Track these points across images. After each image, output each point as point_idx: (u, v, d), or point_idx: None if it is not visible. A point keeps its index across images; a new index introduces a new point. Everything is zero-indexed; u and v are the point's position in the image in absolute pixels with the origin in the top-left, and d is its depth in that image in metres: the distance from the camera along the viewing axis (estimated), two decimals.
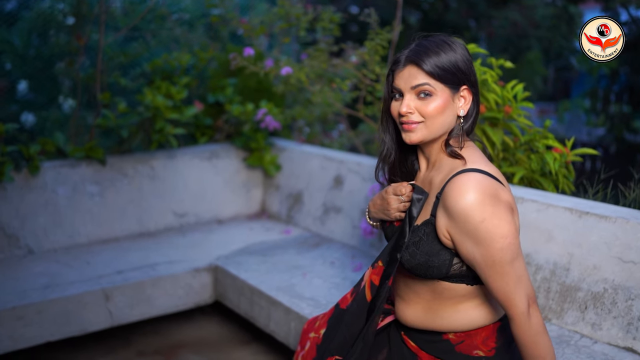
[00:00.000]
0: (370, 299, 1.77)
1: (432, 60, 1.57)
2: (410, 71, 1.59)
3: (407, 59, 1.60)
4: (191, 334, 3.39)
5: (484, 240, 1.49)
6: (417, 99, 1.60)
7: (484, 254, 1.51)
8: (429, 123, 1.61)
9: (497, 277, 1.52)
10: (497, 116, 2.85)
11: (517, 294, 1.52)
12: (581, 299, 2.29)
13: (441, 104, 1.59)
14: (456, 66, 1.60)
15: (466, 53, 1.63)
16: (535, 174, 2.81)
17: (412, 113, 1.60)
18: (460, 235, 1.53)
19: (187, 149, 3.79)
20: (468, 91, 1.64)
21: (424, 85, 1.58)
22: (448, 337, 1.72)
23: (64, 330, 2.70)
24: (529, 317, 1.53)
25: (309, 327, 2.05)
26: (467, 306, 1.69)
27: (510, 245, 1.50)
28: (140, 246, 3.31)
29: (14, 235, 3.16)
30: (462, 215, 1.50)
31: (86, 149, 3.36)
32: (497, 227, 1.49)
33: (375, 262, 1.80)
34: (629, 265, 2.19)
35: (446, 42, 1.62)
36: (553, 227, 2.42)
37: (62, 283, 2.82)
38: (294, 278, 2.86)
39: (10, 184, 3.16)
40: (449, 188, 1.54)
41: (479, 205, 1.49)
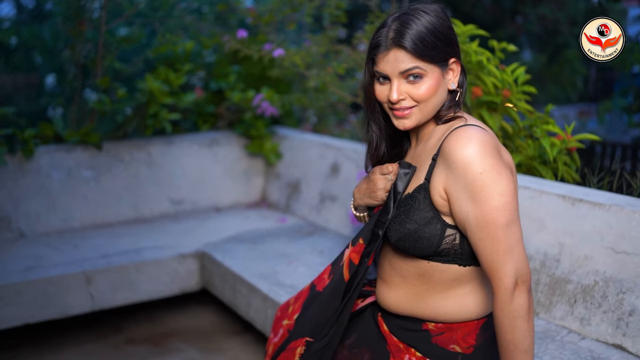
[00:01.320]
0: (348, 278, 1.66)
1: (417, 39, 1.45)
2: (395, 55, 1.47)
3: (390, 42, 1.47)
4: (183, 322, 3.34)
5: (481, 195, 1.39)
6: (406, 82, 1.49)
7: (478, 212, 1.40)
8: (422, 107, 1.51)
9: (487, 240, 1.40)
10: (495, 100, 2.70)
11: (505, 265, 1.39)
12: (571, 292, 2.13)
13: (433, 85, 1.49)
14: (441, 39, 1.48)
15: (446, 19, 1.52)
16: (535, 161, 2.66)
17: (404, 99, 1.50)
18: (457, 190, 1.42)
19: (186, 136, 3.74)
20: (456, 63, 1.53)
21: (414, 70, 1.46)
22: (428, 327, 1.61)
23: (44, 312, 2.67)
24: (512, 295, 1.39)
25: (282, 315, 1.94)
26: (456, 293, 1.57)
27: (506, 205, 1.39)
28: (132, 232, 3.27)
29: (6, 218, 3.16)
30: (461, 165, 1.40)
31: (82, 133, 3.34)
32: (496, 182, 1.39)
33: (355, 240, 1.68)
34: (622, 256, 2.02)
35: (425, 13, 1.49)
36: (545, 215, 2.27)
37: (46, 265, 2.80)
38: (279, 266, 2.77)
39: (4, 168, 3.15)
40: (450, 140, 1.44)
41: (480, 155, 1.39)
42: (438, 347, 1.59)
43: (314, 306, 1.74)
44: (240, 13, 4.21)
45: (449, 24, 1.52)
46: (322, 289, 1.79)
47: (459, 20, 2.78)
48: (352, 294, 1.63)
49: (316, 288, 1.84)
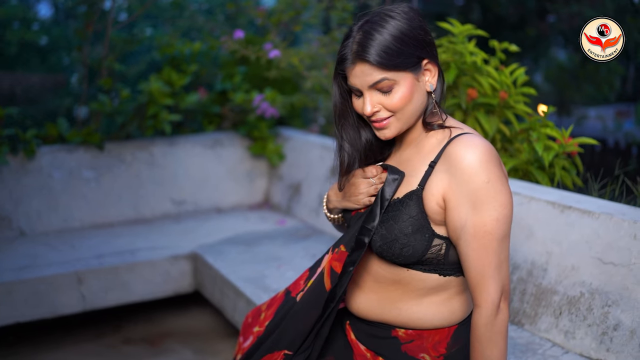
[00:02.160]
0: (330, 287, 1.57)
1: (381, 50, 1.38)
2: (361, 69, 1.40)
3: (354, 55, 1.40)
4: (180, 323, 3.34)
5: (483, 204, 1.36)
6: (378, 93, 1.43)
7: (478, 221, 1.37)
8: (399, 115, 1.45)
9: (481, 251, 1.38)
10: (491, 102, 2.62)
11: (494, 280, 1.39)
12: (556, 303, 2.05)
13: (406, 93, 1.42)
14: (410, 43, 1.40)
15: (416, 20, 1.43)
16: (532, 166, 2.56)
17: (379, 111, 1.45)
18: (458, 197, 1.39)
19: (189, 137, 3.74)
20: (431, 63, 1.45)
21: (382, 82, 1.40)
22: (397, 334, 1.55)
23: (35, 311, 2.70)
24: (497, 310, 1.39)
25: (254, 321, 1.88)
26: (430, 300, 1.53)
27: (505, 218, 1.38)
28: (130, 232, 3.28)
29: (7, 217, 3.20)
30: (467, 173, 1.37)
31: (84, 134, 3.37)
32: (499, 193, 1.37)
33: (336, 247, 1.61)
34: (609, 267, 1.93)
35: (391, 17, 1.41)
36: (534, 222, 2.19)
37: (40, 265, 2.82)
38: (268, 269, 2.73)
39: (5, 167, 3.20)
40: (455, 147, 1.40)
41: (487, 164, 1.37)
42: (407, 355, 1.54)
43: (291, 316, 1.65)
44: (249, 13, 4.19)
45: (420, 24, 1.44)
46: (297, 296, 1.73)
47: (456, 20, 2.71)
48: (335, 304, 1.56)
49: (291, 294, 1.78)
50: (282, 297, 1.81)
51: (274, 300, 1.85)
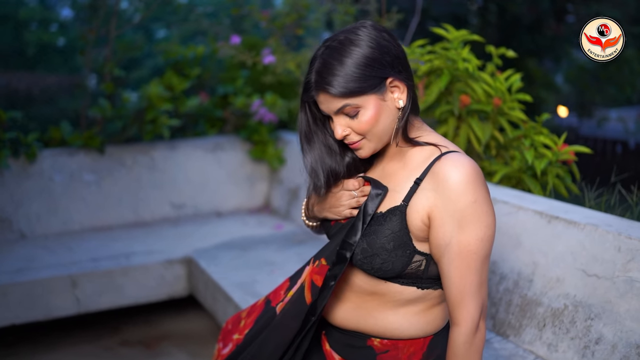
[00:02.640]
0: (311, 301, 1.57)
1: (340, 80, 1.38)
2: (324, 97, 1.41)
3: (314, 85, 1.41)
4: (178, 326, 3.36)
5: (469, 224, 1.37)
6: (346, 117, 1.43)
7: (463, 240, 1.38)
8: (369, 136, 1.45)
9: (464, 270, 1.39)
10: (485, 109, 2.59)
11: (475, 299, 1.39)
12: (540, 315, 2.02)
13: (372, 114, 1.42)
14: (372, 66, 1.39)
15: (376, 36, 1.41)
16: (525, 174, 2.53)
17: (349, 134, 1.45)
18: (444, 215, 1.39)
19: (190, 140, 3.76)
20: (396, 79, 1.43)
21: (345, 108, 1.41)
22: (372, 344, 1.54)
23: (29, 313, 2.73)
24: (477, 329, 1.40)
25: (234, 328, 1.88)
26: (407, 310, 1.52)
27: (489, 239, 1.40)
28: (128, 235, 3.31)
29: (7, 220, 3.25)
30: (455, 192, 1.37)
31: (85, 137, 3.41)
32: (485, 213, 1.38)
33: (316, 259, 1.60)
34: (593, 279, 1.90)
35: (349, 41, 1.40)
36: (522, 232, 2.16)
37: (36, 267, 2.86)
38: (259, 275, 2.74)
39: (7, 170, 3.25)
40: (443, 166, 1.40)
41: (473, 184, 1.38)
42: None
43: (271, 328, 1.64)
44: (254, 17, 4.20)
45: (383, 42, 1.41)
46: (277, 306, 1.71)
47: (451, 26, 2.68)
48: (316, 318, 1.54)
49: (271, 304, 1.77)
50: (262, 305, 1.80)
51: (254, 308, 1.84)
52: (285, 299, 1.69)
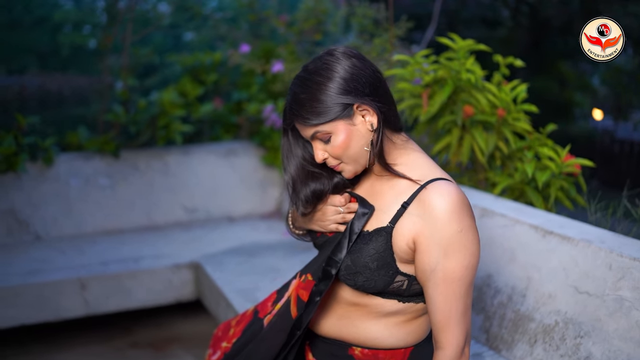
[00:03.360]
0: (296, 315, 1.61)
1: (307, 110, 1.45)
2: (298, 125, 1.50)
3: (288, 115, 1.50)
4: (187, 329, 3.41)
5: (455, 252, 1.41)
6: (322, 142, 1.50)
7: (448, 268, 1.41)
8: (345, 159, 1.50)
9: (450, 296, 1.42)
10: (489, 120, 2.57)
11: (460, 325, 1.44)
12: (532, 330, 2.00)
13: (343, 139, 1.47)
14: (335, 94, 1.44)
15: (344, 64, 1.45)
16: (528, 186, 2.51)
17: (327, 157, 1.52)
18: (429, 243, 1.42)
19: (203, 146, 3.82)
20: (364, 104, 1.46)
21: (317, 134, 1.48)
22: (353, 352, 1.57)
23: (39, 314, 2.82)
24: (461, 354, 1.45)
25: (223, 335, 1.92)
26: (389, 322, 1.55)
27: (473, 267, 1.44)
28: (139, 239, 3.38)
29: (24, 222, 3.35)
30: (441, 221, 1.40)
31: (100, 142, 3.49)
32: (470, 242, 1.42)
33: (303, 274, 1.64)
34: (584, 296, 1.88)
35: (316, 71, 1.45)
36: (517, 246, 2.15)
37: (47, 269, 2.94)
38: (262, 281, 2.77)
39: (25, 174, 3.35)
40: (430, 193, 1.43)
41: (459, 214, 1.41)
42: None
43: (258, 340, 1.67)
44: (272, 22, 4.24)
45: (352, 69, 1.45)
46: (264, 319, 1.75)
47: (457, 35, 2.67)
48: (301, 332, 1.57)
49: (259, 315, 1.80)
50: (250, 315, 1.83)
51: (243, 317, 1.87)
52: (273, 312, 1.72)
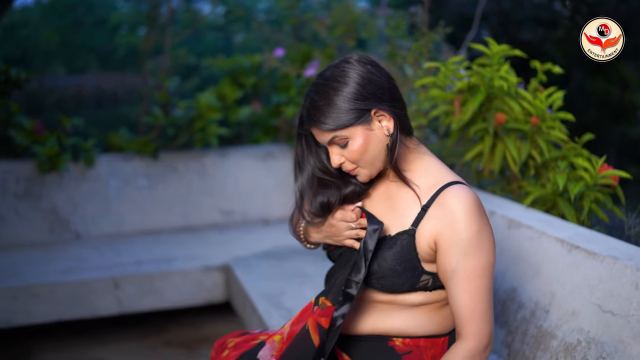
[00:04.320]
0: (319, 343, 1.57)
1: (326, 116, 1.49)
2: (315, 131, 1.54)
3: (306, 121, 1.54)
4: (221, 330, 3.44)
5: (474, 251, 1.49)
6: (339, 147, 1.54)
7: (469, 266, 1.49)
8: (362, 163, 1.55)
9: (474, 293, 1.50)
10: (523, 128, 2.50)
11: (485, 322, 1.50)
12: (554, 348, 1.93)
13: (361, 144, 1.52)
14: (353, 100, 1.49)
15: (361, 71, 1.50)
16: (561, 197, 2.42)
17: (344, 162, 1.55)
18: (450, 244, 1.50)
19: (240, 148, 3.86)
20: (381, 109, 1.51)
21: (334, 139, 1.52)
22: (394, 344, 1.60)
23: (74, 311, 2.91)
24: (485, 349, 1.50)
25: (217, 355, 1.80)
26: (422, 310, 1.61)
27: (492, 265, 1.52)
28: (174, 240, 3.44)
29: (65, 220, 3.47)
30: (461, 223, 1.49)
31: (139, 143, 3.57)
32: (488, 242, 1.52)
33: (318, 300, 1.61)
34: (607, 316, 1.80)
35: (334, 77, 1.50)
36: (542, 260, 2.08)
37: (84, 268, 3.04)
38: (289, 286, 2.77)
39: (67, 174, 3.46)
40: (447, 197, 1.51)
41: (477, 216, 1.50)
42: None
43: None
44: (312, 25, 4.25)
45: (367, 75, 1.50)
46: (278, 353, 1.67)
47: (493, 40, 2.60)
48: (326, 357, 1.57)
49: None
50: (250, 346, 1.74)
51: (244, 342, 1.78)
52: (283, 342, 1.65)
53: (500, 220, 2.32)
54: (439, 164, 1.60)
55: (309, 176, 1.64)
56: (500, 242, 2.27)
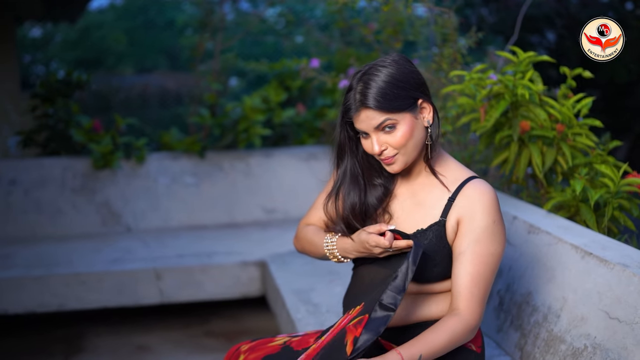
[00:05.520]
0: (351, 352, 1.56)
1: (380, 97, 1.58)
2: (366, 114, 1.60)
3: (359, 103, 1.60)
4: (261, 323, 3.59)
5: (486, 239, 1.62)
6: (383, 133, 1.61)
7: (477, 251, 1.61)
8: (403, 151, 1.63)
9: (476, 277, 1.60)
10: (547, 135, 2.52)
11: (480, 305, 1.62)
12: (562, 352, 1.95)
13: (407, 130, 1.61)
14: (403, 87, 1.60)
15: (407, 65, 1.63)
16: (585, 204, 2.43)
17: (385, 149, 1.63)
18: (466, 230, 1.63)
19: (285, 149, 3.99)
20: (425, 101, 1.65)
21: (385, 122, 1.59)
22: None
23: (119, 299, 3.11)
24: (475, 329, 1.63)
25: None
26: (444, 296, 1.72)
27: (499, 256, 1.64)
28: (217, 236, 3.61)
29: (117, 214, 3.69)
30: (480, 212, 1.62)
31: (187, 143, 3.76)
32: (500, 233, 1.65)
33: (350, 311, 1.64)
34: (614, 322, 1.81)
35: (384, 67, 1.61)
36: (557, 265, 2.10)
37: (130, 259, 3.24)
38: (320, 283, 2.87)
39: (120, 170, 3.69)
40: (470, 190, 1.66)
41: (494, 208, 1.65)
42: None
43: None
44: (359, 30, 4.33)
45: (411, 68, 1.63)
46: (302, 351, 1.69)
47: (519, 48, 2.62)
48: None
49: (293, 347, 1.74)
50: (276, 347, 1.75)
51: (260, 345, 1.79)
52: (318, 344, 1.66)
53: (522, 225, 2.34)
54: (457, 162, 1.74)
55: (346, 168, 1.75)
56: (519, 246, 2.31)
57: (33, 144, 3.93)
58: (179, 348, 3.33)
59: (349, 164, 1.75)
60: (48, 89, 3.91)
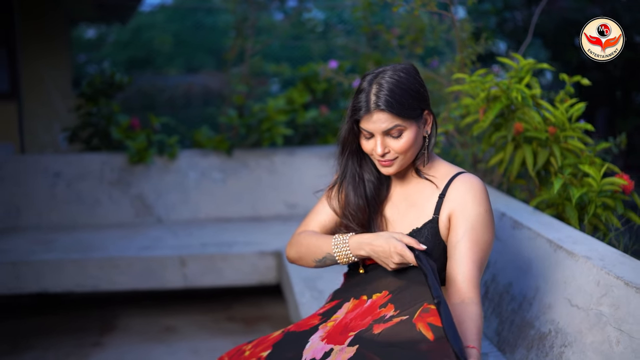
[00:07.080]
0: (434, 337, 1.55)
1: (395, 103, 1.64)
2: (378, 116, 1.65)
3: (373, 105, 1.64)
4: (279, 310, 3.83)
5: (479, 228, 1.71)
6: (388, 138, 1.68)
7: (473, 238, 1.70)
8: (402, 156, 1.72)
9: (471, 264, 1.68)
10: (540, 136, 2.67)
11: (478, 288, 1.70)
12: (531, 337, 2.12)
13: (412, 138, 1.70)
14: (414, 97, 1.67)
15: (417, 76, 1.72)
16: (568, 202, 2.57)
17: (388, 152, 1.71)
18: (460, 221, 1.71)
19: (307, 148, 4.22)
20: (429, 113, 1.75)
21: (395, 128, 1.67)
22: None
23: (147, 282, 3.40)
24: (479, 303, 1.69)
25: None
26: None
27: (491, 243, 1.73)
28: (240, 227, 3.87)
29: (150, 206, 4.00)
30: (471, 203, 1.72)
31: (215, 141, 4.04)
32: (491, 222, 1.75)
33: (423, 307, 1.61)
34: (574, 309, 1.97)
35: (402, 73, 1.68)
36: (534, 258, 2.26)
37: (158, 246, 3.53)
38: (327, 272, 3.07)
39: (153, 165, 4.00)
40: (459, 183, 1.76)
41: (484, 198, 1.75)
42: None
43: None
44: (383, 35, 4.51)
45: (420, 79, 1.72)
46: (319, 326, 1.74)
47: (520, 55, 2.78)
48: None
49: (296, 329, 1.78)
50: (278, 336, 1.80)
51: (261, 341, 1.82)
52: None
53: (508, 221, 2.51)
54: (445, 161, 1.84)
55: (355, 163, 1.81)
56: (505, 240, 2.48)
57: (78, 140, 4.28)
58: (202, 330, 3.60)
59: (351, 160, 1.82)
60: (93, 89, 4.25)
